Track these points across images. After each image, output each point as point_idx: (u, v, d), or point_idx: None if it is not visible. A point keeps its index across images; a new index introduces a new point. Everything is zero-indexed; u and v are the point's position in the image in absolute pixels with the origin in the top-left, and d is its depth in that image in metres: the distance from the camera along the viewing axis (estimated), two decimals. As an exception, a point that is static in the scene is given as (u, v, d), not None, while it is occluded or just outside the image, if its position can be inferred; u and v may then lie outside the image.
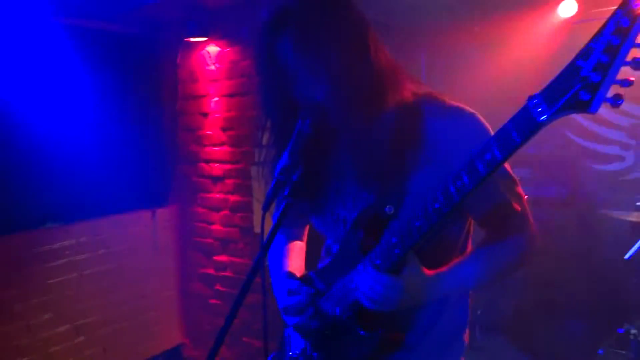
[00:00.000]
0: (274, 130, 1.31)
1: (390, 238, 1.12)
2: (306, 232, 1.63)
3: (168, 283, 3.86)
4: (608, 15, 0.76)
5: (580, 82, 0.78)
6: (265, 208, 1.18)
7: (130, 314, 3.60)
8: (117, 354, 3.50)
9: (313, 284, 1.37)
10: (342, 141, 1.24)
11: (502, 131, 0.90)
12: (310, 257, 1.57)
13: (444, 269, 1.18)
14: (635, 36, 0.73)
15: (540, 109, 0.83)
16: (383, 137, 1.18)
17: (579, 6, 3.91)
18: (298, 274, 1.45)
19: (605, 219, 3.51)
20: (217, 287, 3.72)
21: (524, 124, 0.86)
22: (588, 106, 0.77)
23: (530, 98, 0.84)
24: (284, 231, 1.57)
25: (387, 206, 1.19)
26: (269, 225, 1.24)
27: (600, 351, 3.46)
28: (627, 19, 0.73)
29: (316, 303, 1.35)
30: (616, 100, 0.76)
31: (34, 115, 3.13)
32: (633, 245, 3.06)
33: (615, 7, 0.76)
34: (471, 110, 1.22)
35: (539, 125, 0.84)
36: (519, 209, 1.19)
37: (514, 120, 0.88)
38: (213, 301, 3.76)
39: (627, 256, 2.98)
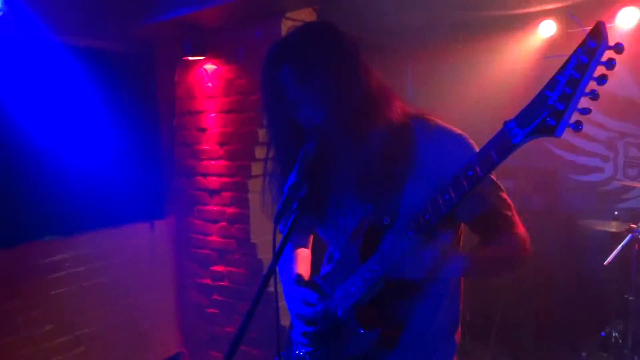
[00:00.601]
0: (279, 150, 1.43)
1: (385, 246, 1.25)
2: (311, 240, 1.76)
3: (166, 293, 3.94)
4: (585, 34, 0.89)
5: (547, 109, 0.91)
6: (277, 221, 1.29)
7: (129, 323, 3.67)
8: (116, 364, 3.58)
9: (321, 289, 1.50)
10: (340, 159, 1.36)
11: (483, 151, 1.05)
12: (315, 264, 1.71)
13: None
14: (593, 71, 0.86)
15: (514, 132, 0.96)
16: (377, 154, 1.30)
17: (557, 26, 4.12)
18: (305, 279, 1.58)
19: (585, 228, 3.66)
20: (215, 296, 3.81)
21: (501, 145, 1.00)
22: (554, 131, 0.90)
23: (506, 123, 0.98)
24: (292, 240, 1.70)
25: (384, 217, 1.32)
26: (276, 235, 1.36)
27: (583, 354, 3.61)
28: (586, 56, 0.86)
29: (321, 307, 1.48)
30: (577, 126, 0.89)
31: (34, 130, 3.22)
32: (612, 252, 3.22)
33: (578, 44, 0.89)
34: (459, 131, 1.35)
35: (513, 147, 0.98)
36: (508, 213, 1.32)
37: (493, 141, 1.03)
38: (210, 310, 3.84)
39: (606, 262, 3.13)
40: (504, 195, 1.35)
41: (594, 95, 0.87)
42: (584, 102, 0.90)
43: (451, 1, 3.73)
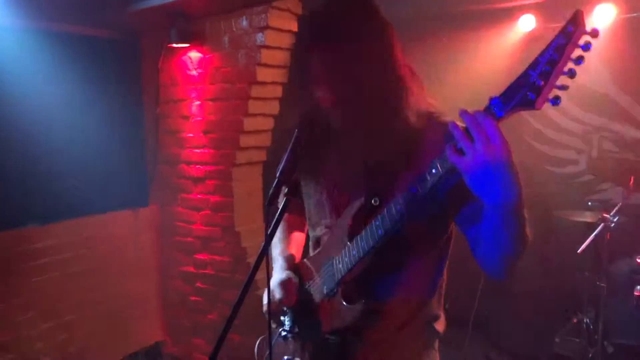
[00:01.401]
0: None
1: (374, 222, 1.30)
2: (306, 223, 1.77)
3: (149, 281, 3.95)
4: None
5: (529, 86, 0.99)
6: (269, 204, 1.34)
7: (112, 311, 3.68)
8: (99, 351, 3.58)
9: (308, 269, 1.56)
10: (344, 145, 1.39)
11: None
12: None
13: None
14: (571, 52, 0.96)
15: (499, 106, 1.04)
16: (387, 149, 1.32)
17: (537, 21, 4.23)
18: (296, 260, 1.64)
19: (559, 218, 3.79)
20: (198, 284, 3.83)
21: None
22: (534, 104, 0.98)
23: (491, 98, 1.05)
24: (289, 223, 1.77)
25: (374, 199, 1.37)
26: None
27: (556, 339, 3.75)
28: (564, 39, 0.96)
29: (308, 286, 1.54)
30: (555, 101, 0.99)
31: (14, 117, 3.19)
32: (585, 241, 3.35)
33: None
34: None
35: (498, 120, 1.04)
36: None
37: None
38: (194, 298, 3.87)
39: (579, 250, 3.25)
40: None
41: (571, 74, 0.96)
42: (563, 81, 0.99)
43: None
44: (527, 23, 4.24)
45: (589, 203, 3.83)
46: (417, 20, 4.23)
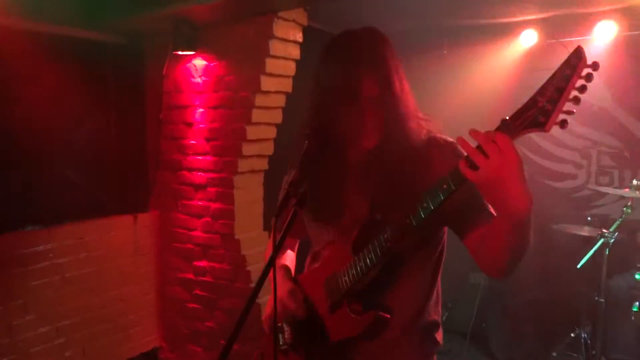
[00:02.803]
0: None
1: (382, 235, 1.33)
2: (297, 246, 1.87)
3: (147, 287, 3.94)
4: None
5: (538, 109, 1.07)
6: (277, 215, 1.37)
7: (110, 316, 3.67)
8: (95, 356, 3.57)
9: (306, 285, 1.59)
10: (351, 160, 1.46)
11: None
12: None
13: None
14: (575, 83, 1.04)
15: (510, 127, 1.11)
16: (393, 169, 1.39)
17: (538, 36, 4.27)
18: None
19: (558, 232, 3.81)
20: (196, 291, 3.83)
21: None
22: (544, 126, 1.07)
23: (503, 120, 1.13)
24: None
25: (377, 214, 1.41)
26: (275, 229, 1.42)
27: (553, 354, 3.75)
28: (569, 70, 1.04)
29: (308, 302, 1.55)
30: (563, 124, 1.07)
31: (17, 119, 3.20)
32: (584, 256, 3.36)
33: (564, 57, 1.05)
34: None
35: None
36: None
37: None
38: (192, 305, 3.86)
39: (579, 265, 3.27)
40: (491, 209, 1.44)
41: (576, 101, 1.06)
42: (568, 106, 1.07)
43: (437, 8, 3.83)
44: (528, 38, 4.29)
45: (589, 218, 3.85)
46: (418, 33, 4.27)
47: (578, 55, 1.03)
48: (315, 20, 3.72)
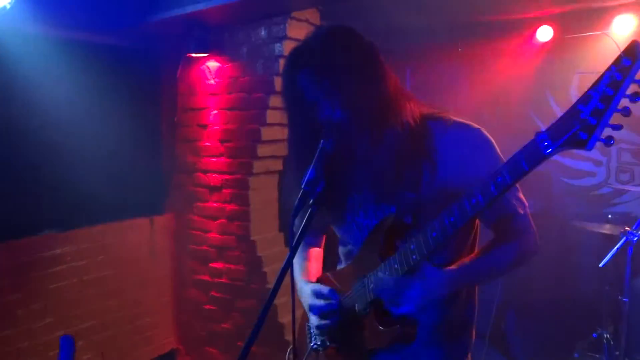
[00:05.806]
0: (299, 150, 1.46)
1: (408, 245, 1.28)
2: (323, 241, 1.81)
3: (164, 289, 3.96)
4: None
5: (580, 123, 0.91)
6: (294, 215, 1.33)
7: (127, 319, 3.68)
8: (114, 358, 3.58)
9: (335, 284, 1.53)
10: (358, 157, 1.39)
11: (513, 159, 1.05)
12: (327, 262, 1.76)
13: (454, 267, 1.33)
14: (626, 89, 0.88)
15: (546, 144, 0.97)
16: (393, 155, 1.33)
17: (555, 32, 4.20)
18: (316, 276, 1.63)
19: (578, 231, 3.73)
20: (213, 293, 3.83)
21: (532, 155, 1.01)
22: (585, 144, 0.91)
23: (538, 134, 0.99)
24: (305, 239, 1.74)
25: (406, 216, 1.36)
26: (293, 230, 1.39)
27: (575, 354, 3.67)
28: (620, 74, 0.87)
29: (342, 300, 1.52)
30: (609, 141, 0.91)
31: (36, 124, 3.23)
32: (606, 254, 3.28)
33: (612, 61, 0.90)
34: (476, 125, 1.39)
35: (544, 157, 0.99)
36: (522, 212, 1.38)
37: (524, 151, 1.03)
38: (208, 307, 3.86)
39: (601, 264, 3.19)
40: (521, 195, 1.41)
41: (626, 112, 0.89)
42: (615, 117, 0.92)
43: (452, 5, 3.79)
44: (545, 34, 4.21)
45: (609, 216, 3.77)
46: (433, 30, 4.23)
47: (632, 52, 0.85)
48: (328, 19, 3.70)
